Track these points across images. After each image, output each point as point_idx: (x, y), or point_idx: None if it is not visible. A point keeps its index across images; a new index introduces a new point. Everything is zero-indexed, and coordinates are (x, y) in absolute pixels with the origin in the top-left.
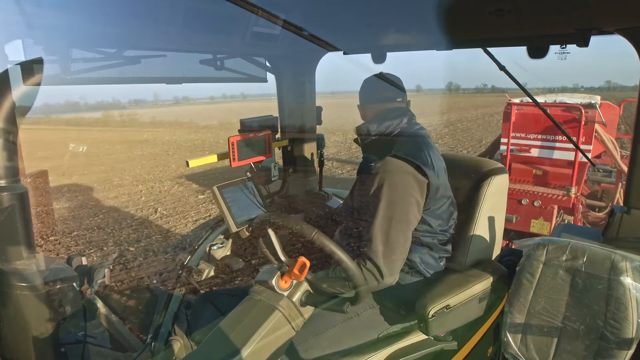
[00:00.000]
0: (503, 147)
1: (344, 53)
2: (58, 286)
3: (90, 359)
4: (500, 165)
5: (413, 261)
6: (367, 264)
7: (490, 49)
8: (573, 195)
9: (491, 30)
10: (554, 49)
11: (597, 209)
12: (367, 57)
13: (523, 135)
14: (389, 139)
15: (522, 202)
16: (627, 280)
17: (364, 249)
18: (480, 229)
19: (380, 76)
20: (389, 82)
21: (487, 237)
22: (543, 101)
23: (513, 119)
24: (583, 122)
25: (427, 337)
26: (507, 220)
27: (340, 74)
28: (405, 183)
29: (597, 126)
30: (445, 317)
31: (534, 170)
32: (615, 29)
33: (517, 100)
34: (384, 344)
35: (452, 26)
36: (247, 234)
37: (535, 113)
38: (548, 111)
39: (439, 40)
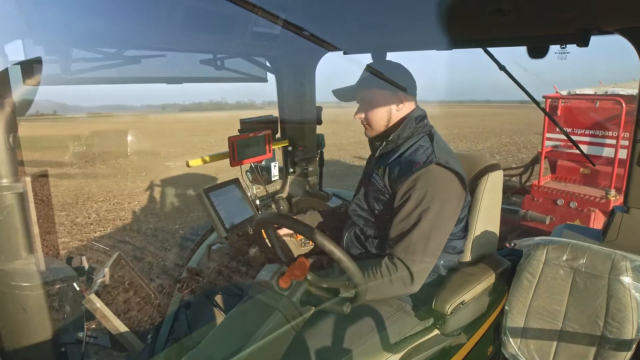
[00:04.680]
0: (548, 143)
1: (344, 53)
2: (58, 286)
3: (90, 359)
4: (494, 161)
5: (436, 264)
6: (399, 270)
7: (490, 49)
8: (612, 198)
9: (491, 30)
10: (554, 48)
11: None
12: (367, 57)
13: (569, 130)
14: (422, 142)
15: (558, 203)
16: (627, 280)
17: (397, 255)
18: (481, 224)
19: (402, 67)
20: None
21: (488, 232)
22: (593, 93)
23: (558, 112)
24: (630, 117)
25: (437, 333)
26: (539, 221)
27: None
28: (450, 194)
29: None
30: (460, 313)
31: (581, 169)
32: (615, 29)
33: (564, 93)
34: (399, 346)
35: (452, 26)
36: (237, 238)
37: (583, 106)
38: (597, 104)
39: (439, 40)
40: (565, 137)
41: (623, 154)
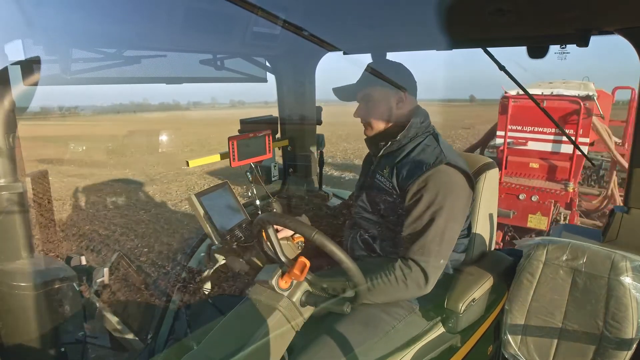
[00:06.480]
0: (499, 140)
1: (344, 53)
2: (57, 286)
3: (90, 359)
4: (489, 160)
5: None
6: (413, 272)
7: (490, 49)
8: (571, 190)
9: (491, 30)
10: (554, 48)
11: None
12: (367, 57)
13: (520, 128)
14: (427, 141)
15: (520, 197)
16: (627, 280)
17: (412, 257)
18: (480, 222)
19: (402, 67)
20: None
21: (487, 230)
22: (540, 93)
23: (510, 111)
24: (584, 116)
25: (442, 332)
26: (504, 216)
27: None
28: (461, 194)
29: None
30: (471, 310)
31: (530, 164)
32: (615, 29)
33: (513, 93)
34: (409, 346)
35: (452, 26)
36: (232, 245)
37: (533, 106)
38: (545, 104)
39: (439, 40)
40: (515, 136)
41: (568, 148)
